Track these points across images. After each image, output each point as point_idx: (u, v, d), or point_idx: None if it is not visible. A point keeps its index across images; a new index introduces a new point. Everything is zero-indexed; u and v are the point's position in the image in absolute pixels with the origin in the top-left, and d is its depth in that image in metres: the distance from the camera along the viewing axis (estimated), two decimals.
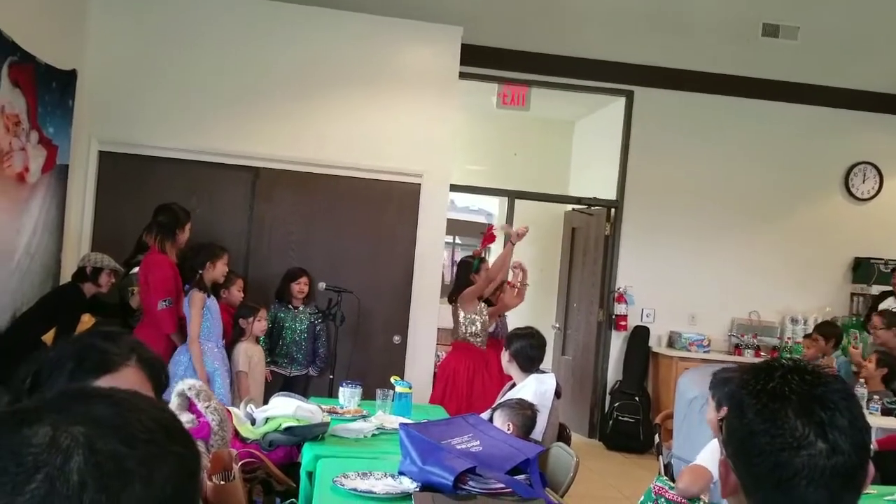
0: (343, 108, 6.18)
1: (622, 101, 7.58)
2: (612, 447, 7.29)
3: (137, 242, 5.24)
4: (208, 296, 4.83)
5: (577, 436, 7.53)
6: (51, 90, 5.26)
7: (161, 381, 1.62)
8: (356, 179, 6.21)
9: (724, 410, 2.91)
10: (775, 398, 1.20)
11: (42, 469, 0.67)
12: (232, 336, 5.08)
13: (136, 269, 5.14)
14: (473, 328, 5.53)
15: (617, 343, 7.59)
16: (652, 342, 7.53)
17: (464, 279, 5.67)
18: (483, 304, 5.64)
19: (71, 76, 5.57)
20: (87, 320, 5.08)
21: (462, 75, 6.44)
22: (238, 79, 6.04)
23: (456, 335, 5.59)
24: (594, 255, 7.87)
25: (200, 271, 4.83)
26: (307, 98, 6.13)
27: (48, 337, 4.78)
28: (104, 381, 1.43)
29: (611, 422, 7.33)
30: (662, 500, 2.78)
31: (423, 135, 6.24)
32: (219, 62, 6.02)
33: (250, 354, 5.10)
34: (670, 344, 7.52)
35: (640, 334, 7.49)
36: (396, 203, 6.29)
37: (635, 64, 7.38)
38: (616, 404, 7.35)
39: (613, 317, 7.54)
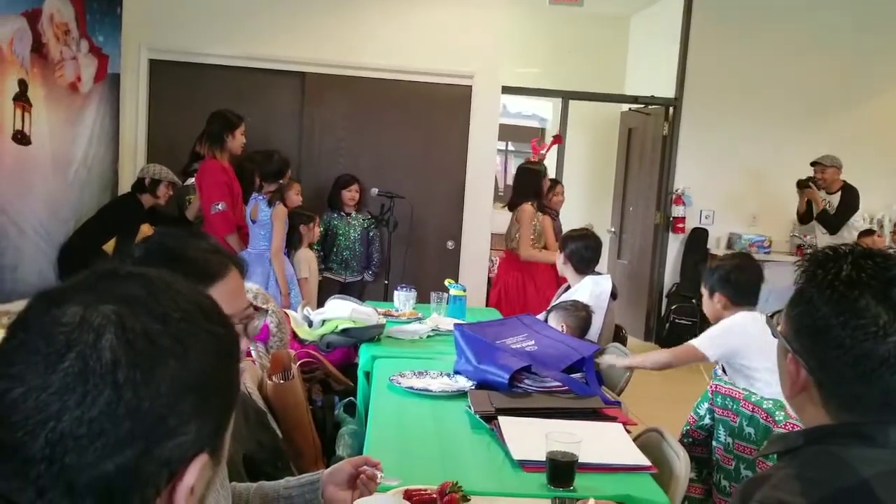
0: (390, 9, 6.03)
1: None
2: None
3: (192, 151, 5.26)
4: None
5: (633, 339, 7.52)
6: None
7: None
8: (405, 82, 6.11)
9: (718, 297, 2.94)
10: (851, 286, 1.13)
11: (74, 347, 0.66)
12: (289, 243, 5.14)
13: (191, 179, 5.18)
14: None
15: (674, 246, 7.46)
16: (710, 244, 7.38)
17: (531, 186, 5.46)
18: (543, 217, 5.46)
19: None
20: (146, 230, 5.16)
21: None
22: None
23: (508, 243, 5.50)
24: (651, 156, 7.68)
25: (281, 181, 4.89)
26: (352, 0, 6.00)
27: (108, 246, 4.89)
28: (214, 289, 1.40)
29: (667, 325, 7.28)
30: (719, 396, 2.74)
31: (472, 35, 6.07)
32: None
33: (309, 260, 5.18)
34: (729, 246, 7.37)
35: (699, 236, 7.36)
36: (447, 106, 6.18)
37: None
38: (673, 307, 7.28)
39: (671, 219, 7.40)
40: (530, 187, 5.46)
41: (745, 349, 2.90)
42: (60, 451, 0.64)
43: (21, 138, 4.30)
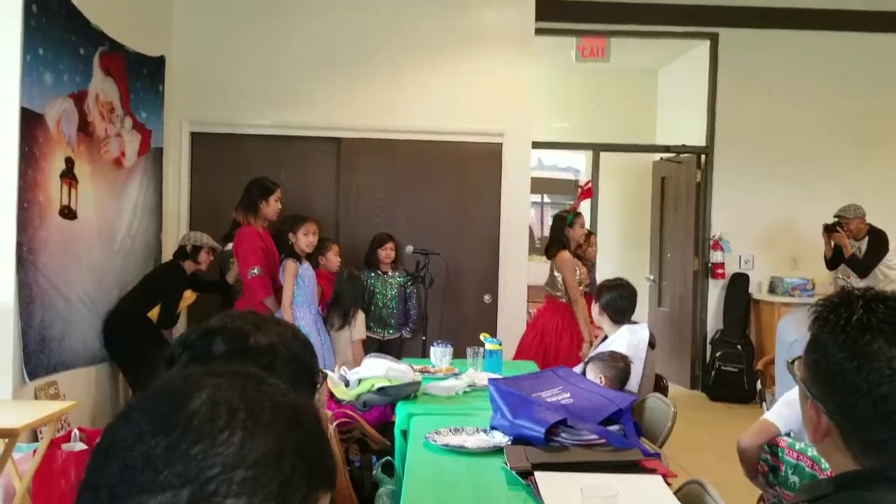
0: (420, 73, 6.19)
1: (706, 44, 7.33)
2: (716, 398, 7.15)
3: (234, 219, 5.42)
4: (300, 263, 4.95)
5: (678, 388, 7.46)
6: (141, 77, 5.45)
7: None
8: (437, 143, 6.24)
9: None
10: (863, 330, 1.14)
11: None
12: (344, 306, 5.25)
13: (230, 245, 5.31)
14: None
15: (715, 291, 7.41)
16: (752, 289, 7.32)
17: (558, 234, 5.56)
18: (579, 263, 5.54)
19: (160, 62, 5.76)
20: (188, 296, 5.29)
21: (538, 31, 6.34)
22: (315, 52, 6.12)
23: (549, 290, 5.53)
24: (686, 203, 7.68)
25: (290, 242, 4.98)
26: (384, 65, 6.17)
27: (153, 313, 5.00)
28: None
29: (713, 372, 7.19)
30: (766, 446, 2.70)
31: (501, 94, 6.19)
32: (297, 38, 6.12)
33: (363, 322, 5.33)
34: (772, 290, 7.30)
35: (740, 281, 7.30)
36: (479, 163, 6.28)
37: (718, 5, 7.09)
38: (718, 354, 7.20)
39: (710, 265, 7.36)
40: (556, 235, 5.56)
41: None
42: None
43: (68, 213, 4.45)
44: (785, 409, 2.84)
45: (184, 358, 1.35)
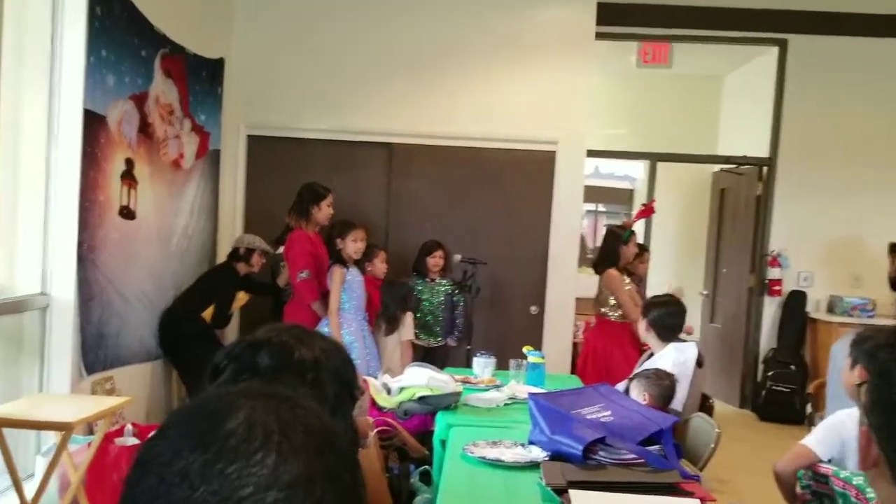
0: (475, 78, 6.19)
1: (775, 51, 7.14)
2: (766, 418, 7.00)
3: (286, 223, 5.51)
4: (347, 268, 5.00)
5: (727, 406, 7.34)
6: (200, 79, 5.56)
7: None
8: (490, 150, 6.23)
9: (860, 371, 2.66)
10: None
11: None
12: (392, 310, 5.32)
13: (282, 249, 5.40)
14: (615, 305, 5.40)
15: (770, 309, 7.25)
16: (809, 307, 7.14)
17: (611, 250, 5.48)
18: (628, 281, 5.49)
19: (219, 65, 5.87)
20: (241, 297, 5.38)
21: (599, 35, 6.27)
22: (371, 57, 6.18)
23: (597, 308, 5.49)
24: (745, 216, 7.53)
25: (338, 248, 5.03)
26: (438, 71, 6.19)
27: (207, 313, 5.11)
28: None
29: (764, 392, 7.04)
30: (810, 472, 2.66)
31: (557, 101, 6.15)
32: (353, 43, 6.18)
33: (411, 324, 5.36)
34: (830, 309, 7.11)
35: (797, 299, 7.13)
36: (532, 172, 6.25)
37: (788, 10, 6.91)
38: (770, 373, 7.05)
39: (766, 282, 7.21)
40: (608, 251, 5.50)
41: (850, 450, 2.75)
42: None
43: (127, 213, 4.57)
44: (824, 434, 2.79)
45: (230, 369, 1.39)
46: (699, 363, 3.84)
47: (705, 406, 3.88)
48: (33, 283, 4.03)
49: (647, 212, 5.96)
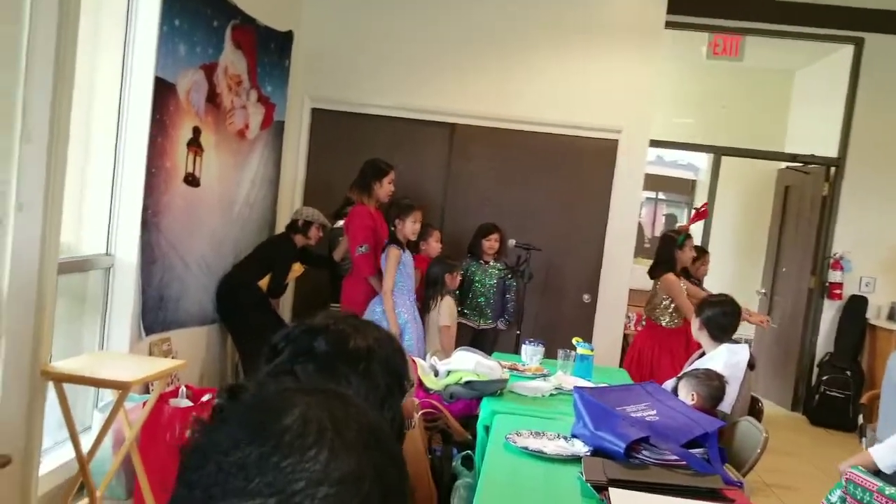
0: (541, 63, 6.15)
1: (850, 49, 6.96)
2: (817, 422, 6.89)
3: (346, 196, 5.58)
4: (403, 251, 5.04)
5: (778, 408, 7.24)
6: (269, 51, 5.62)
7: None
8: (552, 136, 6.19)
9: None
10: None
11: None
12: (432, 291, 5.27)
13: (340, 222, 5.46)
14: (668, 311, 5.35)
15: (829, 313, 7.11)
16: (870, 314, 6.98)
17: (667, 255, 5.42)
18: (687, 286, 5.41)
19: (287, 37, 5.92)
20: (297, 269, 5.47)
21: (668, 24, 6.17)
22: (438, 36, 6.17)
23: (647, 311, 5.45)
24: (809, 217, 7.37)
25: (393, 227, 5.06)
26: (505, 53, 6.16)
27: (263, 282, 5.20)
28: None
29: (817, 396, 6.92)
30: (852, 485, 2.62)
31: (623, 90, 6.08)
32: (420, 21, 6.18)
33: (452, 308, 5.30)
34: (891, 316, 6.94)
35: (857, 304, 6.98)
36: (592, 159, 6.20)
37: (866, 8, 6.73)
38: (824, 378, 6.92)
39: (826, 284, 7.06)
40: (664, 256, 5.43)
41: None
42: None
43: (191, 180, 4.67)
44: (890, 453, 2.75)
45: (287, 351, 1.43)
46: (751, 365, 3.80)
47: (755, 410, 3.83)
48: (99, 243, 4.15)
49: (702, 215, 5.86)
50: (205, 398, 4.13)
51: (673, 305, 5.30)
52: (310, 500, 0.70)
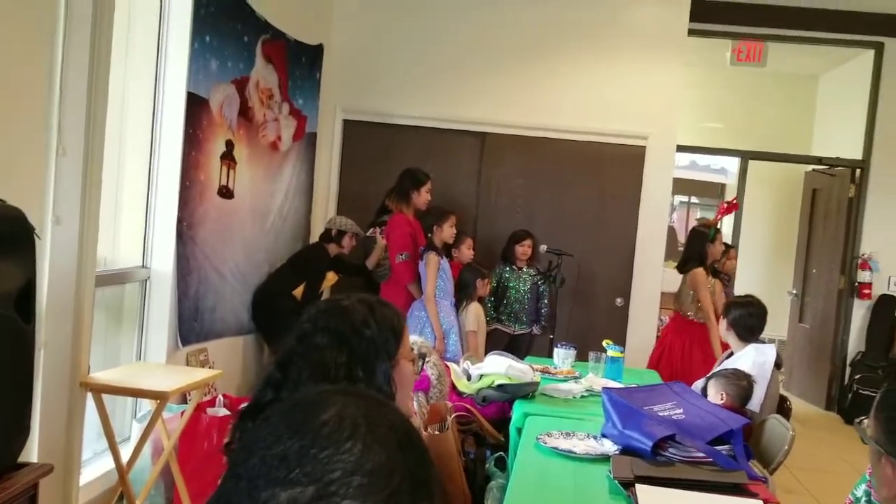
0: (567, 72, 6.22)
1: (870, 53, 6.98)
2: (851, 421, 6.85)
3: (381, 205, 5.68)
4: (441, 257, 5.12)
5: (812, 407, 7.23)
6: (300, 64, 5.74)
7: None
8: (580, 142, 6.25)
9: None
10: None
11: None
12: (461, 296, 5.34)
13: (371, 230, 5.56)
14: (697, 305, 5.37)
15: (859, 312, 7.09)
16: None
17: (697, 249, 5.47)
18: (714, 282, 5.45)
19: (318, 50, 6.04)
20: (331, 277, 5.55)
21: (691, 32, 6.23)
22: (466, 47, 6.27)
23: (677, 306, 5.49)
24: (836, 218, 7.37)
25: (430, 234, 5.15)
26: (532, 63, 6.24)
27: (297, 291, 5.29)
28: None
29: (850, 395, 6.90)
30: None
31: (649, 96, 6.14)
32: (449, 33, 6.28)
33: (479, 314, 5.36)
34: None
35: (887, 303, 6.96)
36: (621, 165, 6.25)
37: (884, 13, 6.74)
38: (857, 376, 6.91)
39: (856, 284, 7.05)
40: (694, 250, 5.46)
41: None
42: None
43: (225, 192, 4.78)
44: None
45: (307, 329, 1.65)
46: (777, 365, 3.83)
47: (783, 408, 3.86)
48: (135, 256, 4.24)
49: (731, 209, 5.89)
50: (242, 407, 4.20)
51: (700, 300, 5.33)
52: (345, 489, 0.77)
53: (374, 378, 1.60)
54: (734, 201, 6.02)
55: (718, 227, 5.62)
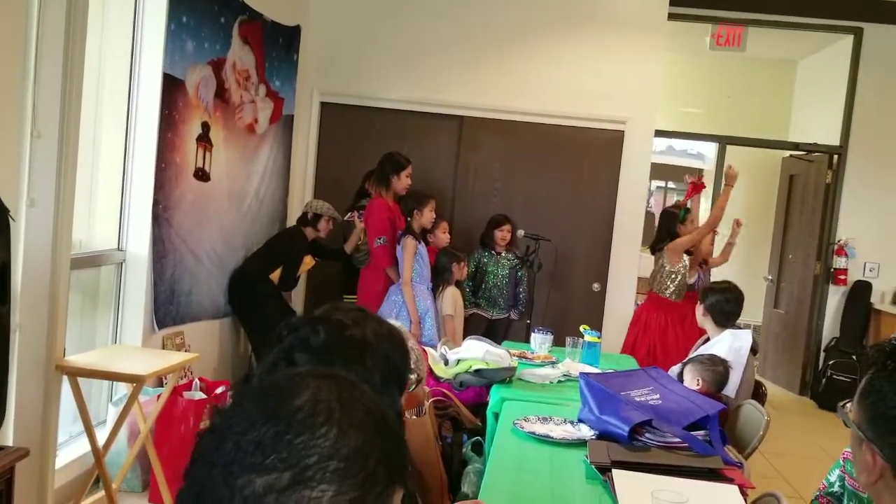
0: (546, 56, 6.19)
1: (850, 38, 7.00)
2: (825, 406, 6.94)
3: (359, 188, 5.65)
4: (419, 241, 5.11)
5: (786, 392, 7.30)
6: (277, 46, 5.68)
7: None
8: (559, 127, 6.24)
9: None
10: None
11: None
12: (438, 280, 5.34)
13: (349, 214, 5.53)
14: (672, 281, 5.42)
15: (834, 298, 7.16)
16: (874, 299, 7.04)
17: (667, 230, 5.57)
18: (686, 258, 5.51)
19: (295, 32, 5.97)
20: (308, 261, 5.52)
21: (671, 16, 6.22)
22: (445, 29, 6.22)
23: (653, 286, 5.53)
24: (813, 204, 7.42)
25: (409, 218, 5.13)
26: (511, 46, 6.21)
27: (275, 275, 5.26)
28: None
29: (824, 380, 6.98)
30: (849, 464, 2.67)
31: (628, 80, 6.13)
32: (428, 14, 6.23)
33: (456, 298, 5.36)
34: (895, 301, 6.99)
35: (862, 290, 7.03)
36: (599, 150, 6.25)
37: None
38: (831, 362, 6.98)
39: (832, 270, 7.11)
40: (665, 231, 5.57)
41: None
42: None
43: (201, 175, 4.74)
44: None
45: (288, 340, 1.49)
46: (753, 350, 3.86)
47: (758, 394, 3.89)
48: (110, 239, 4.22)
49: (698, 188, 5.91)
50: (218, 390, 4.20)
51: (676, 274, 5.37)
52: (321, 474, 0.77)
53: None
54: (700, 180, 6.03)
55: (689, 206, 5.65)
